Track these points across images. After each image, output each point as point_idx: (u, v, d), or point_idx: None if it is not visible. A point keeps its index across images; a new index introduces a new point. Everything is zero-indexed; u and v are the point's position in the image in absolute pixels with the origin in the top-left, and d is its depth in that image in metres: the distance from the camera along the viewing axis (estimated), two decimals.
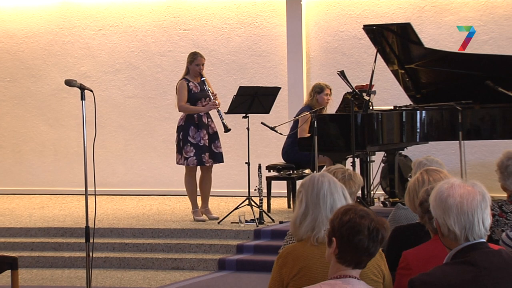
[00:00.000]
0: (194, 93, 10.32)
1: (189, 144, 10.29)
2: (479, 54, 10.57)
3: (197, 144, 10.28)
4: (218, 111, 10.25)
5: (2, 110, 14.23)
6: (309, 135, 10.36)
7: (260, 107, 10.47)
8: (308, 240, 4.14)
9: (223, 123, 10.19)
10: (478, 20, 12.08)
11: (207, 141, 10.32)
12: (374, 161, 10.72)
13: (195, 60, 10.36)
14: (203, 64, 10.38)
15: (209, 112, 10.44)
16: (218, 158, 10.47)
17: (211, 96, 10.25)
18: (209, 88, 10.36)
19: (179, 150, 10.38)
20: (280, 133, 10.54)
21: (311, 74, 12.63)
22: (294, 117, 10.65)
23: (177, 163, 10.49)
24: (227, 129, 10.21)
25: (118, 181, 13.00)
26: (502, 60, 10.15)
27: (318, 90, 10.82)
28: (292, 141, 10.81)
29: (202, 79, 10.33)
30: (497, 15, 12.03)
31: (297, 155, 10.71)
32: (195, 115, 10.31)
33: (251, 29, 13.08)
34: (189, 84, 10.34)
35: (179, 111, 10.41)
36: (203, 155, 10.30)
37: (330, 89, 10.87)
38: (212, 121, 10.46)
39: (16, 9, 14.08)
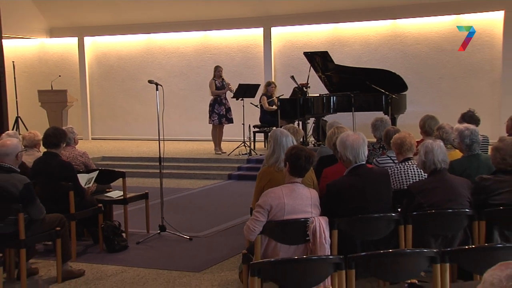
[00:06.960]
0: (218, 87, 10.32)
1: (214, 113, 10.33)
2: (362, 68, 10.47)
3: (218, 113, 10.31)
4: (231, 91, 10.25)
5: (117, 98, 14.05)
6: (273, 108, 10.29)
7: (249, 95, 10.40)
8: (274, 166, 4.10)
9: (233, 94, 10.24)
10: (361, 50, 11.99)
11: (224, 112, 10.35)
12: (309, 122, 10.67)
13: (217, 69, 10.46)
14: (221, 71, 10.41)
15: (227, 97, 10.40)
16: (230, 120, 10.47)
17: (227, 86, 10.30)
18: (226, 82, 10.39)
19: (210, 116, 10.41)
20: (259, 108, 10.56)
21: (276, 78, 12.47)
22: (260, 103, 10.58)
23: (209, 123, 10.50)
24: (237, 98, 10.28)
25: (175, 133, 12.94)
26: (374, 71, 10.08)
27: (267, 85, 10.78)
28: (262, 114, 10.71)
29: (221, 78, 10.34)
30: (371, 47, 11.93)
31: (266, 120, 10.62)
32: (218, 98, 10.29)
33: (245, 54, 12.91)
34: (216, 82, 10.34)
35: (211, 95, 10.40)
36: (221, 119, 10.33)
37: (275, 84, 10.80)
38: (227, 101, 10.41)
39: (123, 43, 13.85)
